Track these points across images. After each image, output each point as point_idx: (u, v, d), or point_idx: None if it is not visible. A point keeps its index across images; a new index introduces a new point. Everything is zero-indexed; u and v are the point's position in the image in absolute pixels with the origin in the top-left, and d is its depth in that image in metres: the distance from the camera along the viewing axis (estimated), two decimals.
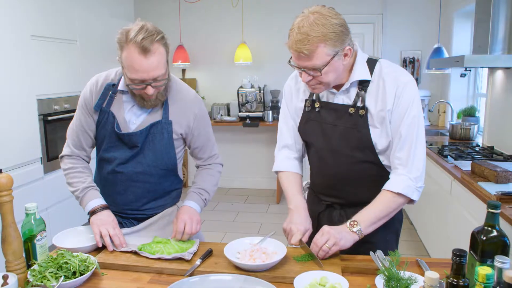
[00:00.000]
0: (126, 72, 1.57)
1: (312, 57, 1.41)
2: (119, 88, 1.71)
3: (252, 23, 5.62)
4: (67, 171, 1.77)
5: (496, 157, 3.09)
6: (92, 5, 4.24)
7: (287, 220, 1.60)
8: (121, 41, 1.53)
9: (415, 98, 1.52)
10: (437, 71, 4.63)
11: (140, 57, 1.50)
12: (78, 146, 1.78)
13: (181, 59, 5.59)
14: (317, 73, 1.44)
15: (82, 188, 1.71)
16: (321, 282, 1.29)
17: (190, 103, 1.78)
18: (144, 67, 1.52)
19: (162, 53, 1.56)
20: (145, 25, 1.54)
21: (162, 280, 1.41)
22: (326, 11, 1.42)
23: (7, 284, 1.24)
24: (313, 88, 1.54)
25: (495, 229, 1.12)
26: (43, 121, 3.48)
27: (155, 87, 1.59)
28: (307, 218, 1.60)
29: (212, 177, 1.88)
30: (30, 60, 3.31)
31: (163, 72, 1.58)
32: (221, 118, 5.58)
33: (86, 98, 1.74)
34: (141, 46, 1.49)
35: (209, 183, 1.85)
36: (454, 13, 4.70)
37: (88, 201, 1.69)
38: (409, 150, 1.51)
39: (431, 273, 0.99)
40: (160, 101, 1.69)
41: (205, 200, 1.82)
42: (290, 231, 1.55)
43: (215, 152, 1.91)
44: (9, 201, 1.32)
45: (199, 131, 1.81)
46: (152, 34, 1.52)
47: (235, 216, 4.90)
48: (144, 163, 1.74)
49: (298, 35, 1.39)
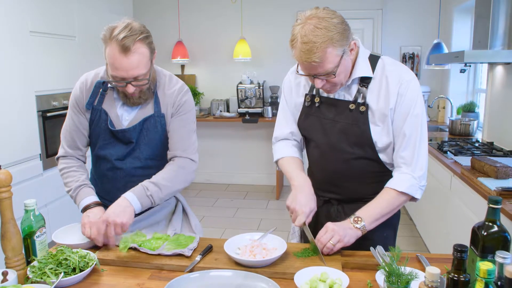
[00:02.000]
0: (108, 68, 1.59)
1: (323, 63, 1.40)
2: (110, 85, 1.71)
3: (251, 19, 5.61)
4: (62, 171, 1.78)
5: (496, 152, 3.09)
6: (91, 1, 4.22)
7: (290, 196, 1.56)
8: (106, 37, 1.54)
9: (418, 96, 1.52)
10: (436, 66, 4.62)
11: (121, 56, 1.51)
12: (72, 146, 1.79)
13: (180, 55, 5.57)
14: (330, 76, 1.43)
15: (75, 186, 1.71)
16: (321, 277, 1.29)
17: (175, 93, 1.75)
18: (123, 65, 1.53)
19: (144, 53, 1.56)
20: (130, 23, 1.54)
21: (162, 276, 1.40)
22: (322, 13, 1.39)
23: (7, 281, 1.24)
24: (328, 91, 1.53)
25: (496, 224, 1.12)
26: (42, 117, 3.47)
27: (136, 86, 1.60)
28: (312, 197, 1.56)
29: (172, 172, 1.71)
30: (29, 56, 3.29)
31: (144, 72, 1.58)
32: (220, 114, 5.57)
33: (77, 97, 1.74)
34: (122, 44, 1.49)
35: (164, 179, 1.67)
36: (454, 8, 4.68)
37: (81, 199, 1.68)
38: (413, 149, 1.51)
39: (432, 268, 0.98)
40: (143, 99, 1.70)
41: (150, 196, 1.63)
42: (295, 211, 1.52)
43: (186, 145, 1.75)
44: (8, 197, 1.32)
45: (174, 118, 1.74)
46: (135, 34, 1.52)
47: (234, 212, 4.91)
48: (141, 158, 1.74)
49: (304, 45, 1.37)
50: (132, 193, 1.61)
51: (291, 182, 1.62)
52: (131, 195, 1.61)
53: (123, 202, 1.59)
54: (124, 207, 1.57)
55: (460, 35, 4.69)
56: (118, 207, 1.57)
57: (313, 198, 1.57)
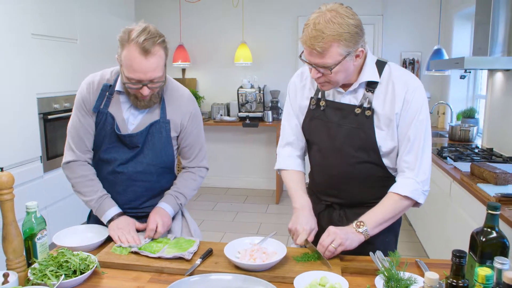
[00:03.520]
0: (124, 70, 1.59)
1: (324, 55, 1.41)
2: (116, 89, 1.71)
3: (252, 23, 5.63)
4: (77, 179, 1.74)
5: (496, 158, 3.10)
6: (92, 3, 4.24)
7: (292, 219, 1.59)
8: (123, 39, 1.55)
9: (424, 103, 1.53)
10: (437, 72, 4.64)
11: (140, 58, 1.52)
12: (83, 149, 1.75)
13: (181, 59, 5.59)
14: (327, 71, 1.45)
15: (97, 198, 1.72)
16: (321, 282, 1.29)
17: (187, 102, 1.80)
18: (142, 67, 1.54)
19: (162, 56, 1.59)
20: (148, 26, 1.56)
21: (162, 279, 1.41)
22: (343, 10, 1.41)
23: (8, 282, 1.24)
24: (321, 85, 1.55)
25: (495, 230, 1.12)
26: (43, 119, 3.48)
27: (151, 88, 1.61)
28: (312, 217, 1.60)
29: (194, 181, 1.87)
30: (31, 58, 3.30)
31: (160, 74, 1.60)
32: (221, 118, 5.58)
33: (84, 98, 1.73)
34: (142, 47, 1.51)
35: (188, 188, 1.84)
36: (454, 15, 4.71)
37: (106, 210, 1.71)
38: (417, 154, 1.52)
39: (431, 273, 0.99)
40: (153, 102, 1.71)
41: (180, 204, 1.81)
42: (296, 231, 1.54)
43: (203, 154, 1.90)
44: (10, 199, 1.33)
45: (191, 129, 1.81)
46: (154, 37, 1.54)
47: (234, 216, 4.91)
48: (144, 162, 1.75)
49: (313, 31, 1.39)
50: (166, 203, 1.77)
51: (292, 203, 1.67)
52: (166, 206, 1.77)
53: (161, 212, 1.74)
54: (162, 212, 1.74)
55: (460, 41, 4.71)
56: (159, 212, 1.73)
57: (314, 219, 1.61)
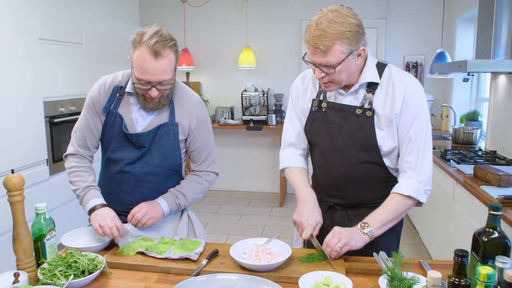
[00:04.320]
0: (134, 71, 1.63)
1: (327, 54, 1.45)
2: (126, 90, 1.76)
3: (256, 27, 5.66)
4: (70, 169, 1.81)
5: (499, 161, 3.11)
6: (98, 9, 4.28)
7: (297, 211, 1.62)
8: (135, 41, 1.60)
9: (423, 103, 1.57)
10: (440, 75, 4.64)
11: (151, 59, 1.56)
12: (83, 146, 1.82)
13: (186, 63, 5.62)
14: (330, 70, 1.48)
15: (83, 187, 1.74)
16: (325, 282, 1.31)
17: (195, 106, 1.83)
18: (152, 69, 1.58)
19: (172, 59, 1.63)
20: (160, 30, 1.61)
21: (168, 279, 1.43)
22: (344, 10, 1.46)
23: (18, 282, 1.27)
24: (325, 86, 1.57)
25: (497, 230, 1.14)
26: (49, 123, 3.52)
27: (159, 90, 1.65)
28: (317, 210, 1.62)
29: (199, 185, 1.89)
30: (37, 63, 3.34)
31: (169, 77, 1.64)
32: (225, 122, 5.60)
33: (94, 98, 1.78)
34: (153, 49, 1.55)
35: (191, 190, 1.86)
36: (457, 18, 4.72)
37: (88, 200, 1.72)
38: (418, 154, 1.55)
39: (434, 272, 1.01)
40: (162, 105, 1.74)
41: (178, 204, 1.82)
42: (301, 224, 1.57)
43: (212, 159, 1.92)
44: (20, 200, 1.35)
45: (198, 133, 1.84)
46: (166, 40, 1.59)
47: (238, 219, 4.92)
48: (151, 163, 1.77)
49: (316, 31, 1.43)
50: (164, 200, 1.78)
51: (297, 196, 1.69)
52: (163, 201, 1.78)
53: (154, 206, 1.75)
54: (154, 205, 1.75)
55: (463, 44, 4.73)
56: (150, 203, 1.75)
57: (319, 211, 1.62)
